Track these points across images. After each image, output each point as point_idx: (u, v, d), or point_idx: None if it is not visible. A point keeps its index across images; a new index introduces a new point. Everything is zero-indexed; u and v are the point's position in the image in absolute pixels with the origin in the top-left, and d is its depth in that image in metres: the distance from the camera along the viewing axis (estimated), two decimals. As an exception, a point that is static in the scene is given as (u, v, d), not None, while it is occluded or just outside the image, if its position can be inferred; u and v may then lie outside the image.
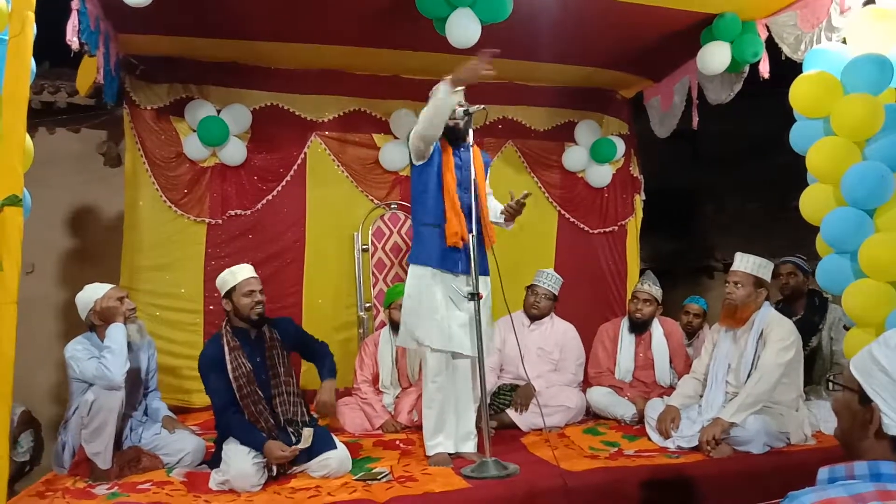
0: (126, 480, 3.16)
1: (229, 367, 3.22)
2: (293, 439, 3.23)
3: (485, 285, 3.42)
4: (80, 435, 3.17)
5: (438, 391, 3.40)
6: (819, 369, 4.24)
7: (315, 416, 3.47)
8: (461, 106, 3.40)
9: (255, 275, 3.41)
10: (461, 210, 3.33)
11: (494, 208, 3.63)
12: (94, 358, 3.20)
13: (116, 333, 3.25)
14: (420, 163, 3.41)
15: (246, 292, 3.31)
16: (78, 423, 3.18)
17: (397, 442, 3.83)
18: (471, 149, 3.37)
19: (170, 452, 3.40)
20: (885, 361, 1.30)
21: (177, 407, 4.23)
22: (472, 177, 3.35)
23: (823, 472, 1.32)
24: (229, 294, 3.34)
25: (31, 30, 2.57)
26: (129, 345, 3.32)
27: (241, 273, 3.37)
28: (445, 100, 3.18)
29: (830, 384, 1.50)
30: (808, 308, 4.40)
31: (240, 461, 3.06)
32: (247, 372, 3.24)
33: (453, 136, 3.45)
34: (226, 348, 3.26)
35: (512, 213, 3.48)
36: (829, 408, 3.73)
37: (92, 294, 3.42)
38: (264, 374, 3.30)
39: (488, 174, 3.67)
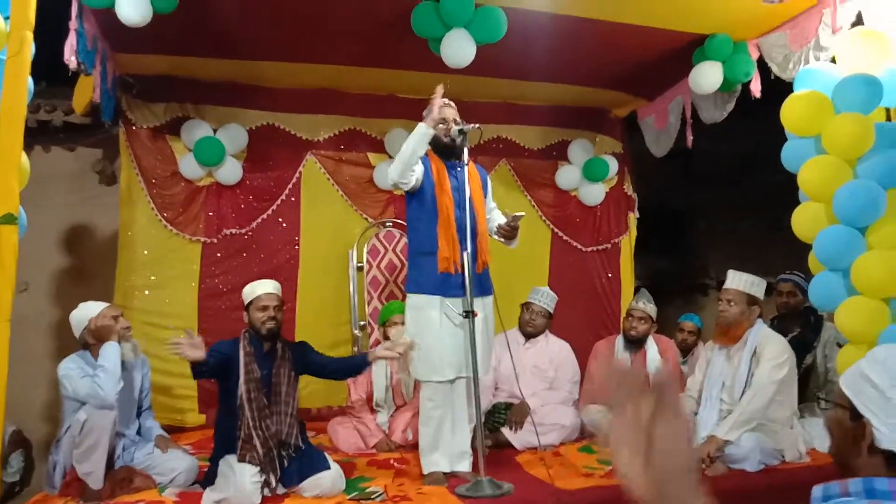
0: (118, 500, 3.12)
1: (242, 370, 3.25)
2: (285, 463, 3.24)
3: (483, 306, 3.43)
4: (71, 454, 3.14)
5: (435, 409, 3.39)
6: (813, 387, 4.24)
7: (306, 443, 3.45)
8: (456, 125, 3.44)
9: (274, 291, 3.46)
10: (456, 233, 3.34)
11: (493, 227, 3.65)
12: (87, 377, 3.18)
13: (110, 352, 3.24)
14: (412, 192, 3.44)
15: (260, 307, 3.37)
16: (70, 443, 3.15)
17: (391, 461, 3.81)
18: (466, 167, 3.39)
19: (162, 472, 3.37)
20: (874, 376, 1.32)
21: (170, 426, 4.20)
22: (468, 195, 3.37)
23: (817, 490, 1.31)
24: (248, 307, 3.41)
25: (30, 49, 2.60)
26: (123, 364, 3.31)
27: (259, 288, 3.44)
28: (425, 134, 3.31)
29: (821, 402, 1.52)
30: (803, 326, 4.41)
31: (239, 480, 3.05)
32: (256, 378, 3.27)
33: (449, 154, 3.47)
34: (241, 352, 3.30)
35: (504, 234, 3.51)
36: (823, 425, 3.74)
37: (86, 312, 3.41)
38: (266, 389, 3.31)
39: (490, 191, 3.69)
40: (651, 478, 0.78)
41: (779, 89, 3.93)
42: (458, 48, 3.70)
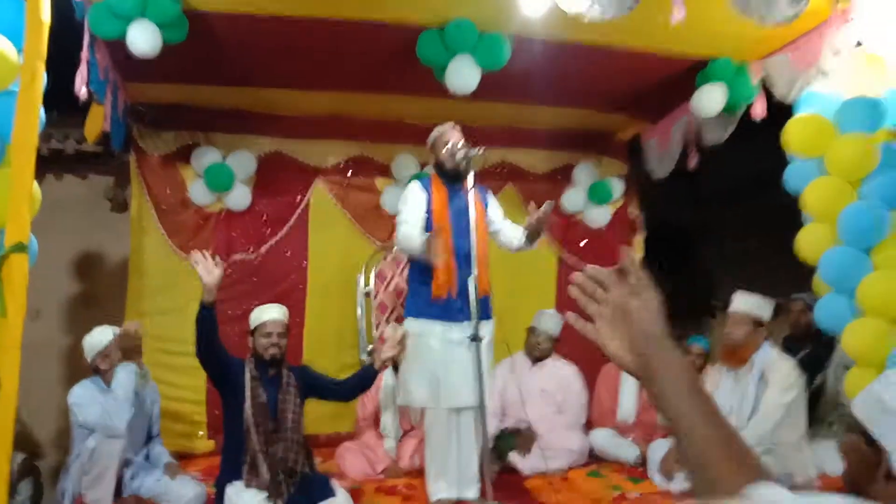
0: (125, 528, 3.14)
1: (248, 393, 3.27)
2: (291, 489, 3.23)
3: (486, 330, 3.43)
4: (80, 482, 3.16)
5: (440, 436, 3.38)
6: (824, 408, 4.20)
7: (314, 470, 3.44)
8: (461, 148, 3.46)
9: (280, 318, 3.48)
10: (453, 259, 3.35)
11: (513, 235, 3.64)
12: (97, 405, 3.21)
13: (124, 379, 3.26)
14: None
15: (264, 333, 3.40)
16: (79, 470, 3.17)
17: (399, 487, 3.80)
18: (470, 193, 3.40)
19: (171, 499, 3.38)
20: (889, 400, 1.27)
21: (179, 452, 4.21)
22: (472, 221, 3.37)
23: None
24: (253, 332, 3.44)
25: (42, 80, 2.64)
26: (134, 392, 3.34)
27: (265, 314, 3.47)
28: (421, 255, 3.35)
29: (833, 425, 1.46)
30: (814, 345, 4.38)
31: (246, 503, 3.05)
32: (263, 403, 3.29)
33: (454, 178, 3.50)
34: (247, 375, 3.32)
35: (534, 228, 3.48)
36: (834, 447, 3.68)
37: (100, 337, 3.45)
38: (273, 415, 3.33)
39: (492, 206, 3.69)
40: (633, 344, 0.98)
41: (785, 110, 3.94)
42: (463, 75, 3.74)
